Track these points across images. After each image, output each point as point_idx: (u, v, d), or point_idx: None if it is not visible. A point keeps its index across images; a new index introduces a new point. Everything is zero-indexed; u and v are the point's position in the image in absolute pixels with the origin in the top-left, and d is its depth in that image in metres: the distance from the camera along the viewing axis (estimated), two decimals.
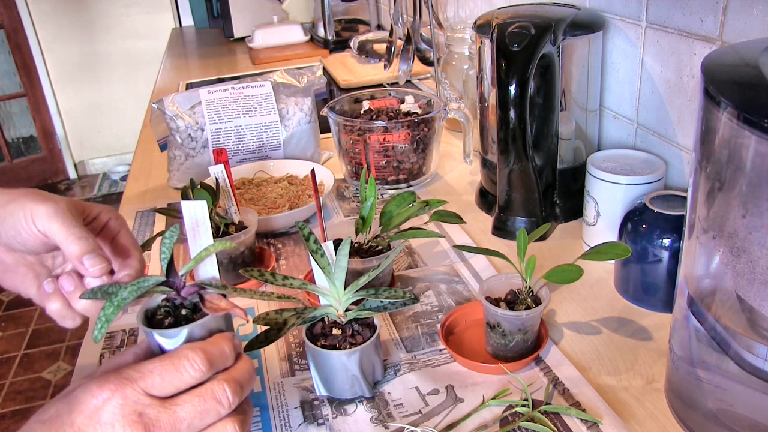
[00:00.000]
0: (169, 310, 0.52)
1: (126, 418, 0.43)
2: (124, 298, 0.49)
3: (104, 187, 3.92)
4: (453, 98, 1.24)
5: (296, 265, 0.88)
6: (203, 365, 0.46)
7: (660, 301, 0.73)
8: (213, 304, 0.52)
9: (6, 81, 3.78)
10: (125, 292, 0.50)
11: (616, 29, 0.92)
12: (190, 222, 0.53)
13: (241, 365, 0.50)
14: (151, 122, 1.15)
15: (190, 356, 0.46)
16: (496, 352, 0.67)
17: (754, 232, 0.44)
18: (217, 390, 0.47)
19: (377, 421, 0.60)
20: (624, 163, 0.83)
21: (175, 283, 0.52)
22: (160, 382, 0.45)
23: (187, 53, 2.47)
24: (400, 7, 1.46)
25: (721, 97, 0.44)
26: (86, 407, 0.44)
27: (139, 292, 0.50)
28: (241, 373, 0.49)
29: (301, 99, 1.15)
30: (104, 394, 0.44)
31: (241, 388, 0.48)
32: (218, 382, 0.47)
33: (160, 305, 0.53)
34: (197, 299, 0.52)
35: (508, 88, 0.80)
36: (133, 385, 0.44)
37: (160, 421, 0.44)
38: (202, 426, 0.46)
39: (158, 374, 0.45)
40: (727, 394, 0.52)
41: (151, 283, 0.51)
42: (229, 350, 0.49)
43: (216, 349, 0.48)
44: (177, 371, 0.46)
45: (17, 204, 0.53)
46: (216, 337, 0.50)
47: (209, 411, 0.46)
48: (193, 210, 0.53)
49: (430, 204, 0.79)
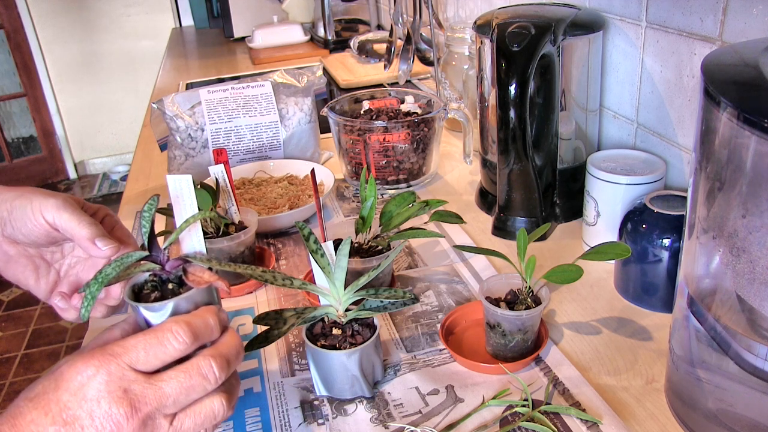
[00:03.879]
0: (155, 285, 0.52)
1: (111, 394, 0.43)
2: (108, 274, 0.49)
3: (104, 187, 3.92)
4: (453, 98, 1.24)
5: (296, 265, 0.88)
6: (187, 337, 0.46)
7: (660, 301, 0.73)
8: (196, 276, 0.51)
9: (6, 81, 3.78)
10: (109, 268, 0.49)
11: (616, 29, 0.92)
12: (174, 195, 0.53)
13: (227, 339, 0.50)
14: (151, 122, 1.15)
15: (174, 328, 0.46)
16: (496, 352, 0.67)
17: (754, 232, 0.44)
18: (203, 365, 0.47)
19: (377, 421, 0.60)
20: (624, 163, 0.83)
21: (158, 257, 0.52)
22: (145, 356, 0.45)
23: (187, 53, 2.47)
24: (400, 7, 1.46)
25: (721, 97, 0.44)
26: (71, 384, 0.44)
27: (123, 267, 0.50)
28: (228, 348, 0.49)
29: (301, 99, 1.15)
30: (89, 371, 0.44)
31: (228, 364, 0.48)
32: (204, 358, 0.47)
33: (147, 280, 0.52)
34: (182, 272, 0.52)
35: (508, 88, 0.80)
36: (118, 361, 0.45)
37: (145, 396, 0.44)
38: (189, 401, 0.46)
39: (142, 348, 0.45)
40: (727, 394, 0.52)
41: (134, 258, 0.51)
42: (214, 322, 0.49)
43: (200, 320, 0.48)
44: (161, 344, 0.46)
45: (25, 198, 0.57)
46: (201, 309, 0.50)
47: (195, 387, 0.46)
48: (178, 183, 0.52)
49: (430, 204, 0.79)
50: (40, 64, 3.78)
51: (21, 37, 3.68)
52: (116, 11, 3.83)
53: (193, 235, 0.53)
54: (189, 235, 0.53)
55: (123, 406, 0.43)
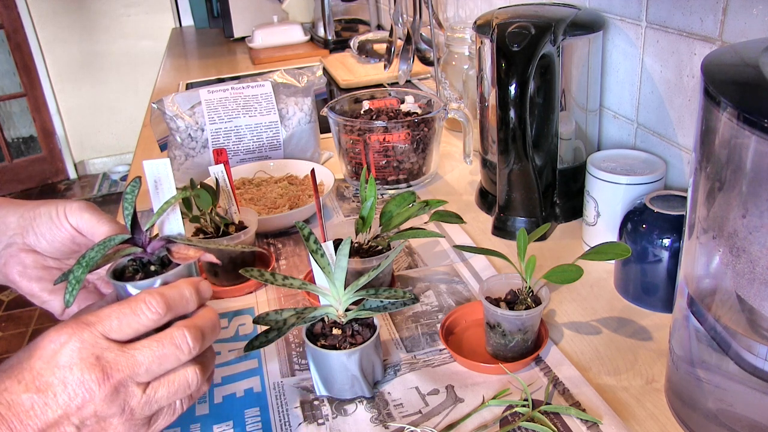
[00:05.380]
0: (137, 269, 0.52)
1: (84, 361, 0.44)
2: (92, 258, 0.49)
3: (104, 187, 3.92)
4: (453, 98, 1.24)
5: (296, 265, 0.88)
6: (160, 307, 0.47)
7: (660, 301, 0.73)
8: (181, 253, 0.51)
9: (6, 81, 3.78)
10: (92, 252, 0.50)
11: (616, 29, 0.92)
12: (152, 180, 0.53)
13: (203, 312, 0.50)
14: (151, 122, 1.15)
15: (147, 299, 0.47)
16: (496, 352, 0.67)
17: (754, 232, 0.44)
18: (177, 335, 0.47)
19: (377, 421, 0.60)
20: (624, 163, 0.83)
21: (140, 239, 0.52)
22: (118, 325, 0.46)
23: (187, 53, 2.47)
24: (400, 7, 1.46)
25: (721, 97, 0.44)
26: (44, 352, 0.44)
27: (106, 249, 0.50)
28: (204, 321, 0.50)
29: (301, 99, 1.15)
30: (62, 338, 0.44)
31: (203, 335, 0.49)
32: (178, 328, 0.47)
33: (128, 264, 0.53)
34: (165, 253, 0.52)
35: (508, 88, 0.80)
36: (91, 329, 0.45)
37: (118, 363, 0.45)
38: (161, 371, 0.47)
39: (115, 317, 0.46)
40: (727, 394, 0.52)
41: (116, 241, 0.51)
42: (189, 294, 0.49)
43: (175, 292, 0.48)
44: (134, 314, 0.46)
45: (48, 206, 0.59)
46: (178, 281, 0.50)
47: (168, 356, 0.46)
48: (155, 168, 0.53)
49: (430, 204, 0.79)
50: (40, 64, 3.78)
51: (21, 37, 3.68)
52: (116, 11, 3.84)
53: (171, 218, 0.53)
54: (168, 218, 0.53)
55: (95, 372, 0.44)
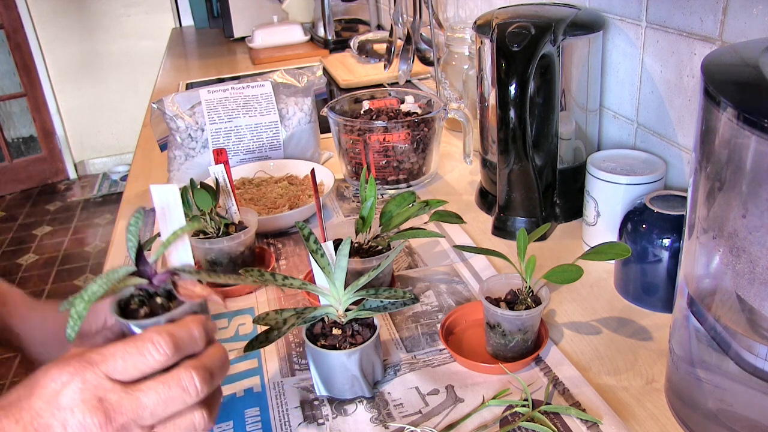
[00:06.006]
0: (142, 299, 0.50)
1: (86, 402, 0.42)
2: (95, 292, 0.46)
3: (104, 187, 3.92)
4: (453, 98, 1.24)
5: (296, 265, 0.88)
6: (168, 348, 0.44)
7: (660, 301, 0.73)
8: (187, 290, 0.49)
9: (6, 81, 3.78)
10: (95, 285, 0.47)
11: (616, 29, 0.92)
12: (160, 207, 0.50)
13: (212, 351, 0.48)
14: (151, 122, 1.15)
15: (155, 339, 0.44)
16: (496, 352, 0.67)
17: (754, 232, 0.44)
18: (184, 377, 0.44)
19: (377, 421, 0.60)
20: (624, 163, 0.83)
21: (146, 271, 0.50)
22: (123, 365, 0.43)
23: (187, 53, 2.47)
24: (400, 7, 1.46)
25: (721, 97, 0.44)
26: (45, 391, 0.42)
27: (110, 284, 0.47)
28: (212, 360, 0.47)
29: (301, 99, 1.15)
30: (63, 378, 0.42)
31: (211, 376, 0.46)
32: (186, 369, 0.45)
33: (133, 294, 0.50)
34: (170, 286, 0.50)
35: (508, 88, 0.80)
36: (94, 369, 0.43)
37: (121, 406, 0.42)
38: (167, 414, 0.44)
39: (120, 357, 0.43)
40: (727, 394, 0.52)
41: (121, 274, 0.48)
42: (198, 333, 0.47)
43: (184, 331, 0.46)
44: (140, 354, 0.44)
45: None
46: (186, 319, 0.47)
47: (174, 399, 0.44)
48: (164, 194, 0.50)
49: (430, 204, 0.79)
50: (40, 64, 3.78)
51: (21, 37, 3.68)
52: (116, 11, 3.83)
53: (180, 248, 0.51)
54: (176, 248, 0.51)
55: (97, 415, 0.42)
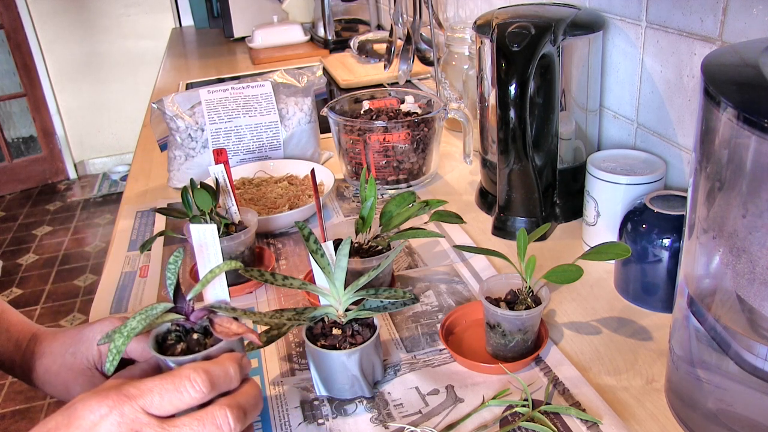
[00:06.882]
0: (180, 335, 0.51)
1: None
2: (134, 328, 0.48)
3: (104, 187, 3.92)
4: (453, 98, 1.24)
5: (296, 265, 0.88)
6: (204, 386, 0.46)
7: (660, 301, 0.73)
8: (224, 327, 0.50)
9: (6, 81, 3.78)
10: (134, 321, 0.48)
11: (616, 29, 0.92)
12: (198, 245, 0.53)
13: (246, 389, 0.49)
14: (151, 122, 1.15)
15: (192, 376, 0.46)
16: (496, 352, 0.67)
17: (754, 232, 0.44)
18: (219, 415, 0.46)
19: (377, 421, 0.60)
20: (624, 163, 0.83)
21: (183, 308, 0.51)
22: (159, 401, 0.45)
23: (187, 53, 2.47)
24: (400, 7, 1.46)
25: (721, 97, 0.44)
26: (83, 422, 0.43)
27: (148, 320, 0.49)
28: (246, 398, 0.48)
29: (301, 99, 1.15)
30: (102, 410, 0.43)
31: (245, 414, 0.47)
32: (220, 407, 0.46)
33: (170, 329, 0.52)
34: (207, 322, 0.51)
35: (508, 88, 0.80)
36: (132, 403, 0.44)
37: None
38: None
39: (158, 393, 0.45)
40: (727, 394, 0.52)
41: (159, 311, 0.50)
42: (234, 372, 0.48)
43: (220, 369, 0.47)
44: (177, 391, 0.45)
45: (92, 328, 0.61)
46: (222, 356, 0.49)
47: None
48: (202, 233, 0.52)
49: (430, 204, 0.79)
50: (40, 64, 3.78)
51: (21, 37, 3.68)
52: (116, 11, 3.83)
53: (217, 285, 0.52)
54: (213, 285, 0.52)
55: None
